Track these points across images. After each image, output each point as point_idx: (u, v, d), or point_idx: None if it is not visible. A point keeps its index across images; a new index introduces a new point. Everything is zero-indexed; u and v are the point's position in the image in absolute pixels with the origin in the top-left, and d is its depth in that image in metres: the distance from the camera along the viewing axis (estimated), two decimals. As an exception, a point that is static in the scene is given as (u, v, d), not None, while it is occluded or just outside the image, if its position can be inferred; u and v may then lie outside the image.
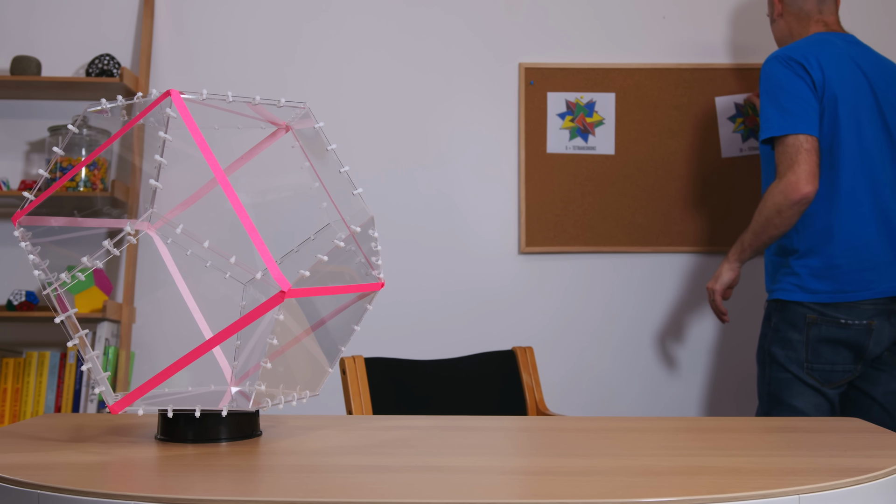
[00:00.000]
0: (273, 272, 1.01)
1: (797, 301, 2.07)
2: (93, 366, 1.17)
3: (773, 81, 2.09)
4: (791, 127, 2.03)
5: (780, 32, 2.32)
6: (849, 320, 2.03)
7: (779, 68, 2.09)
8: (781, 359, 2.09)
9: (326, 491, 0.94)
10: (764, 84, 2.12)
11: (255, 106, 1.19)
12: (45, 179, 1.19)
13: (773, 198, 2.04)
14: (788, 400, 2.08)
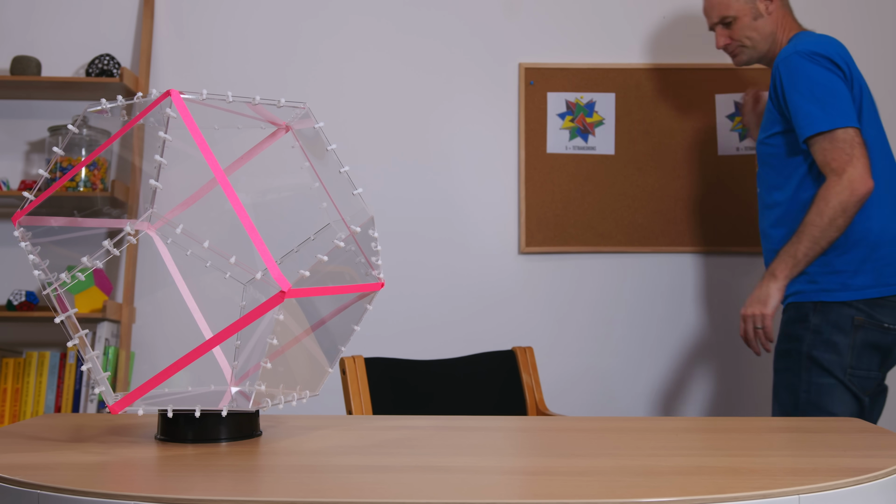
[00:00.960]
0: (273, 272, 1.01)
1: (843, 301, 1.97)
2: (93, 366, 1.17)
3: (806, 78, 1.99)
4: (839, 120, 1.94)
5: (768, 28, 2.19)
6: (891, 325, 1.94)
7: (810, 65, 1.99)
8: (826, 363, 1.95)
9: (326, 491, 0.94)
10: (794, 82, 2.00)
11: (255, 106, 1.19)
12: (45, 179, 1.19)
13: (838, 196, 1.90)
14: (829, 407, 1.94)
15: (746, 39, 2.21)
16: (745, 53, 2.23)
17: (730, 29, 2.23)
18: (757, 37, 2.20)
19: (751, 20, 2.20)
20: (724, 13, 2.22)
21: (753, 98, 2.49)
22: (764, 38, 2.20)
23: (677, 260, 2.82)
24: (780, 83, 2.04)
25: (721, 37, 2.25)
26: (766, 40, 2.20)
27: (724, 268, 2.81)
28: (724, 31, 2.24)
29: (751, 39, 2.21)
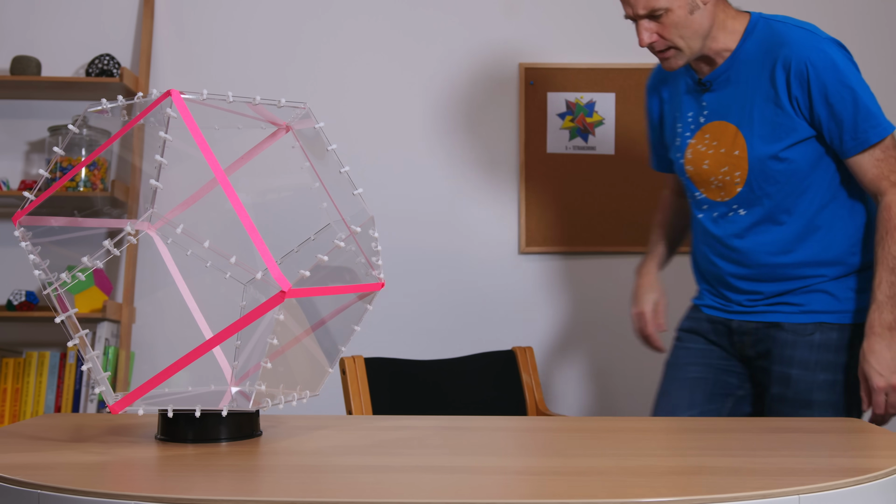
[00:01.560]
0: (273, 272, 1.01)
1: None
2: (93, 366, 1.17)
3: (853, 72, 1.70)
4: (891, 124, 1.69)
5: (705, 24, 1.74)
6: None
7: (848, 56, 1.73)
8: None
9: (326, 491, 0.94)
10: (842, 77, 1.68)
11: (256, 106, 1.19)
12: (45, 179, 1.19)
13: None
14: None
15: (679, 39, 1.73)
16: (679, 57, 1.76)
17: (659, 23, 1.74)
18: (691, 36, 1.74)
19: (686, 14, 1.72)
20: (653, 4, 1.72)
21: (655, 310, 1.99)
22: (699, 37, 1.75)
23: (677, 260, 2.82)
24: (811, 79, 1.68)
25: (646, 32, 1.75)
26: (700, 39, 1.75)
27: (724, 268, 2.81)
28: (650, 26, 1.74)
29: (684, 39, 1.74)
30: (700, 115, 1.84)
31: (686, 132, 1.87)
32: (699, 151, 1.84)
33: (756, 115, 1.75)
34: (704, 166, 1.83)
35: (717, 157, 1.81)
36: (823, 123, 1.70)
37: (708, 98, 1.82)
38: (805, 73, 1.68)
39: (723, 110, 1.80)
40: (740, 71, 1.77)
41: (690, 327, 1.96)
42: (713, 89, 1.81)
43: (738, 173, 1.78)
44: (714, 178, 1.82)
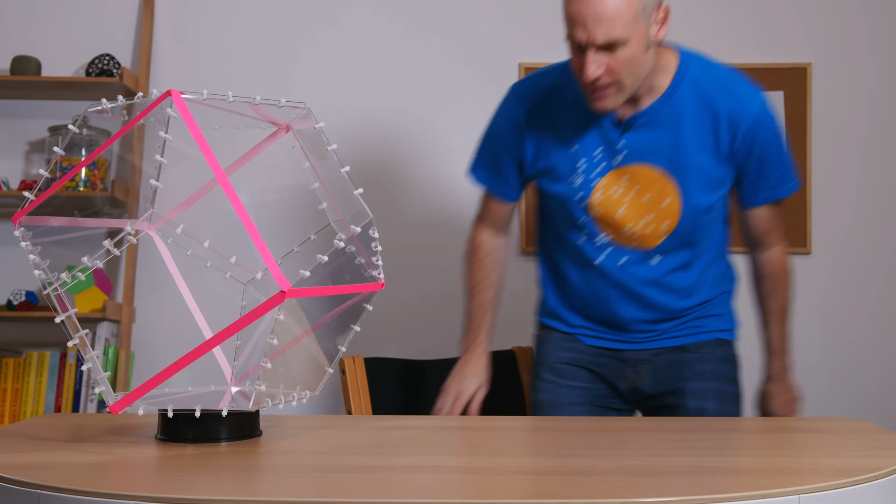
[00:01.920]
0: (273, 272, 1.01)
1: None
2: (93, 366, 1.17)
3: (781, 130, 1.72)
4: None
5: (651, 63, 1.57)
6: None
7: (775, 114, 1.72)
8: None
9: (326, 491, 0.94)
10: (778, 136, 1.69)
11: (256, 106, 1.19)
12: (45, 179, 1.19)
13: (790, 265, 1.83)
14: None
15: (628, 77, 1.52)
16: (618, 98, 1.55)
17: (612, 56, 1.50)
18: (638, 76, 1.54)
19: (641, 51, 1.52)
20: (613, 35, 1.47)
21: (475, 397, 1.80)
22: (642, 78, 1.56)
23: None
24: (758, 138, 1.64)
25: (594, 64, 1.49)
26: (642, 80, 1.57)
27: (724, 268, 2.81)
28: (601, 58, 1.50)
29: (632, 78, 1.53)
30: (615, 155, 1.64)
31: (592, 171, 1.67)
32: (613, 195, 1.67)
33: (692, 163, 1.62)
34: (620, 212, 1.66)
35: (639, 206, 1.66)
36: (749, 176, 1.68)
37: (628, 138, 1.63)
38: (753, 132, 1.63)
39: (647, 153, 1.63)
40: (673, 113, 1.62)
41: (571, 359, 1.81)
42: (635, 129, 1.62)
43: (666, 223, 1.67)
44: (632, 225, 1.67)
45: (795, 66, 2.79)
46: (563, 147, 1.68)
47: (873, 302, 2.80)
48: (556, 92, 1.69)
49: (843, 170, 2.81)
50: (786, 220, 2.52)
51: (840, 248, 2.80)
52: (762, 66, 2.80)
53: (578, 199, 1.68)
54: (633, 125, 1.62)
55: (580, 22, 1.48)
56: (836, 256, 2.80)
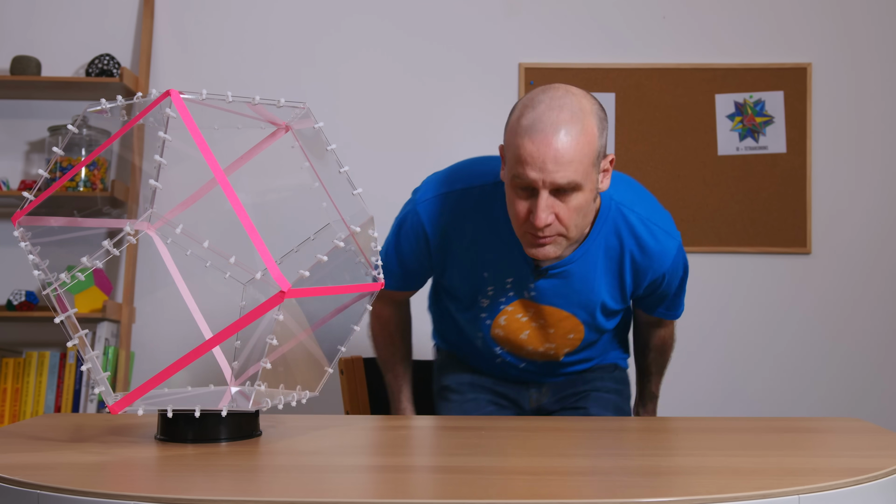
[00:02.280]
0: (273, 272, 1.01)
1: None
2: (93, 366, 1.17)
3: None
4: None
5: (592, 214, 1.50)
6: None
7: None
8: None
9: (326, 491, 0.94)
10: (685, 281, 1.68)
11: (255, 106, 1.19)
12: (44, 179, 1.19)
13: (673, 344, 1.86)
14: None
15: (574, 228, 1.44)
16: (561, 247, 1.47)
17: (563, 203, 1.40)
18: (584, 226, 1.47)
19: (591, 199, 1.44)
20: (575, 178, 1.37)
21: None
22: (584, 228, 1.49)
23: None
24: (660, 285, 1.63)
25: (546, 211, 1.39)
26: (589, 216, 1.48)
27: (724, 267, 2.81)
28: (551, 203, 1.40)
29: (577, 229, 1.45)
30: (526, 290, 1.60)
31: (501, 297, 1.61)
32: (518, 321, 1.63)
33: (601, 307, 1.62)
34: (522, 337, 1.65)
35: (543, 335, 1.65)
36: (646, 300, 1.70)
37: (541, 283, 1.58)
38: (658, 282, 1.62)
39: (557, 299, 1.60)
40: (587, 265, 1.57)
41: (473, 382, 1.80)
42: (548, 277, 1.57)
43: (566, 350, 1.70)
44: (532, 348, 1.68)
45: (795, 66, 2.79)
46: (474, 270, 1.60)
47: (873, 302, 2.80)
48: (471, 217, 1.59)
49: (843, 170, 2.81)
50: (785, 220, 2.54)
51: (840, 248, 2.80)
52: (762, 66, 2.80)
53: (484, 318, 1.65)
54: (547, 274, 1.56)
55: (538, 163, 1.36)
56: (836, 256, 2.80)
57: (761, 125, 2.80)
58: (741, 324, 2.81)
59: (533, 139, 1.36)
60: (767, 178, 2.79)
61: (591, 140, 1.39)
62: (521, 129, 1.38)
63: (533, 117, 1.38)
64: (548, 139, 1.35)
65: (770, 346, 2.80)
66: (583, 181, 1.39)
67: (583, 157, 1.38)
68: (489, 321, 1.65)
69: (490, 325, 1.66)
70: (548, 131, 1.36)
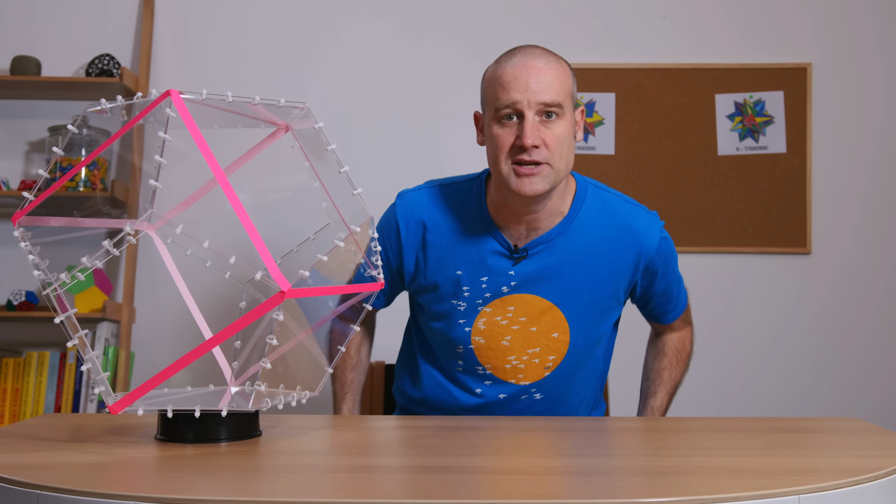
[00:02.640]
0: (273, 272, 1.01)
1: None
2: (92, 366, 1.17)
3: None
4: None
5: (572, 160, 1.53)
6: None
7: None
8: None
9: (326, 491, 0.93)
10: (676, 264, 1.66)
11: (255, 106, 1.19)
12: (44, 179, 1.19)
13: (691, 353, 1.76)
14: None
15: (559, 159, 1.44)
16: (548, 180, 1.44)
17: (548, 129, 1.43)
18: (567, 163, 1.47)
19: (570, 132, 1.47)
20: (557, 97, 1.42)
21: None
22: (568, 172, 1.50)
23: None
24: (659, 271, 1.60)
25: (533, 130, 1.41)
26: (566, 173, 1.49)
27: (724, 267, 2.81)
28: (539, 126, 1.42)
29: (563, 162, 1.45)
30: (504, 284, 1.54)
31: (477, 298, 1.56)
32: (497, 325, 1.56)
33: (584, 296, 1.55)
34: (504, 343, 1.56)
35: (526, 336, 1.56)
36: (654, 300, 1.65)
37: (521, 268, 1.53)
38: (655, 264, 1.58)
39: (538, 285, 1.54)
40: (570, 242, 1.53)
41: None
42: (529, 258, 1.53)
43: (551, 357, 1.58)
44: (516, 358, 1.58)
45: (795, 66, 2.79)
46: (447, 269, 1.57)
47: (872, 301, 2.80)
48: (446, 211, 1.58)
49: (842, 170, 2.81)
50: (785, 220, 2.56)
51: (840, 248, 2.80)
52: (762, 66, 2.80)
53: (458, 328, 1.58)
54: (528, 254, 1.52)
55: (520, 84, 1.41)
56: (836, 256, 2.80)
57: (761, 125, 2.80)
58: (741, 324, 2.81)
59: (515, 66, 1.45)
60: (767, 178, 2.79)
61: (567, 73, 1.47)
62: (500, 66, 1.48)
63: (510, 56, 1.48)
64: (529, 62, 1.44)
65: (770, 346, 2.80)
66: (564, 104, 1.44)
67: (563, 81, 1.44)
68: (468, 328, 1.57)
69: (470, 333, 1.57)
70: (528, 58, 1.45)
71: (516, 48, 1.51)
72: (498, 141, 1.44)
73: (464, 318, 1.58)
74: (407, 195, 1.65)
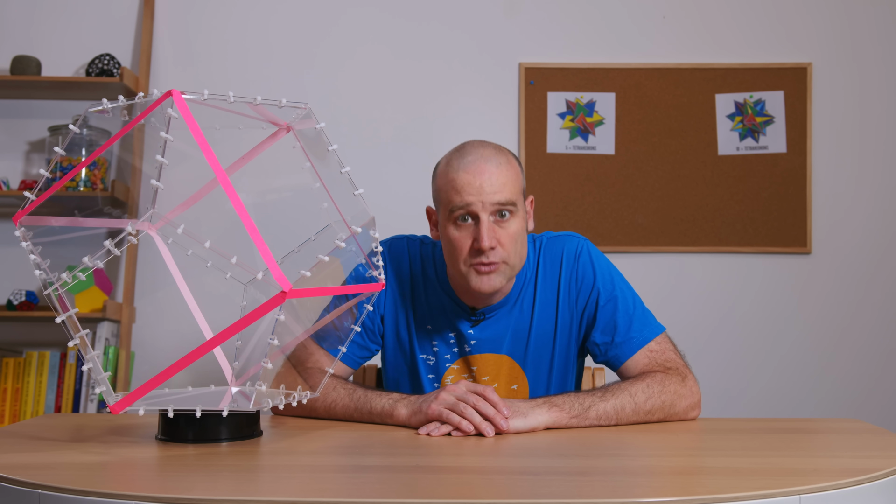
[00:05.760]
0: (274, 272, 1.01)
1: None
2: (93, 366, 1.17)
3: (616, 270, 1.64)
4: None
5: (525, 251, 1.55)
6: None
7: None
8: None
9: (326, 491, 0.94)
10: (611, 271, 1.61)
11: (257, 106, 1.19)
12: (45, 179, 1.19)
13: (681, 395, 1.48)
14: None
15: (514, 256, 1.48)
16: (504, 276, 1.49)
17: (502, 228, 1.46)
18: (521, 258, 1.51)
19: (523, 226, 1.51)
20: (510, 197, 1.46)
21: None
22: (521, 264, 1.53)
23: (677, 259, 2.82)
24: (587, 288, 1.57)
25: (490, 233, 1.44)
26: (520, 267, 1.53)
27: (724, 267, 2.81)
28: (493, 227, 1.46)
29: (517, 258, 1.50)
30: (466, 343, 1.58)
31: (446, 353, 1.60)
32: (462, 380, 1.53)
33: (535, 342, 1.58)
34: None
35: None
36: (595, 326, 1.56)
37: (478, 331, 1.57)
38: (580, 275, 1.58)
39: (494, 344, 1.58)
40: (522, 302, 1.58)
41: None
42: (486, 321, 1.57)
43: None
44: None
45: (795, 66, 2.79)
46: (420, 321, 1.60)
47: (873, 301, 2.80)
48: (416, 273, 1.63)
49: (843, 170, 2.81)
50: (785, 220, 2.57)
51: (840, 248, 2.80)
52: (762, 66, 2.80)
53: (431, 380, 1.60)
54: (486, 317, 1.56)
55: (475, 188, 1.44)
56: (837, 256, 2.80)
57: (761, 125, 2.80)
58: (741, 324, 2.81)
59: (467, 170, 1.47)
60: (767, 178, 2.79)
61: (517, 171, 1.51)
62: (453, 168, 1.49)
63: (461, 157, 1.50)
64: (480, 167, 1.46)
65: (770, 346, 2.80)
66: (517, 202, 1.48)
67: (514, 181, 1.48)
68: (436, 383, 1.59)
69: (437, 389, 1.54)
70: (479, 161, 1.47)
71: (466, 146, 1.54)
72: (456, 244, 1.48)
73: (433, 374, 1.61)
74: (385, 243, 1.69)
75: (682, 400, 1.46)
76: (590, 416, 1.36)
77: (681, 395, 1.45)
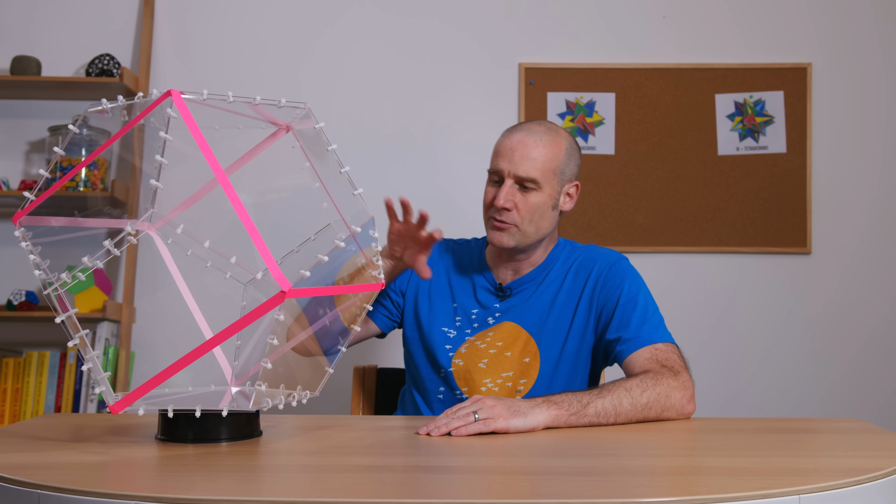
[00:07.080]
0: (273, 272, 1.01)
1: None
2: (93, 366, 1.17)
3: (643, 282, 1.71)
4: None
5: (551, 226, 1.71)
6: None
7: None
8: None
9: (326, 491, 0.94)
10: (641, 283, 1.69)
11: (256, 106, 1.19)
12: (45, 179, 1.19)
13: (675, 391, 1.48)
14: None
15: (529, 224, 1.64)
16: (515, 238, 1.65)
17: (523, 197, 1.64)
18: (536, 229, 1.66)
19: (549, 205, 1.66)
20: (533, 174, 1.62)
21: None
22: (539, 235, 1.67)
23: (677, 260, 2.82)
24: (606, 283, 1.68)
25: (506, 195, 1.62)
26: (537, 238, 1.67)
27: (724, 267, 2.81)
28: (513, 193, 1.63)
29: (533, 225, 1.65)
30: (490, 316, 1.72)
31: (467, 328, 1.72)
32: (477, 349, 1.69)
33: (553, 326, 1.68)
34: (481, 366, 1.68)
35: (501, 360, 1.68)
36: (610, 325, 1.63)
37: (505, 304, 1.72)
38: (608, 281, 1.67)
39: (515, 314, 1.71)
40: (546, 284, 1.71)
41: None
42: (513, 295, 1.73)
43: (523, 381, 1.68)
44: (490, 381, 1.67)
45: (795, 66, 2.79)
46: (446, 298, 1.77)
47: (873, 301, 2.80)
48: (449, 257, 1.84)
49: (842, 170, 2.81)
50: (785, 220, 2.58)
51: (840, 248, 2.80)
52: (762, 66, 2.80)
53: (448, 350, 1.71)
54: (511, 293, 1.73)
55: (507, 153, 1.65)
56: (837, 256, 2.80)
57: (761, 125, 2.80)
58: (741, 324, 2.81)
59: (510, 136, 1.68)
60: (767, 178, 2.79)
61: (557, 153, 1.66)
62: (504, 135, 1.70)
63: (514, 129, 1.70)
64: (521, 137, 1.66)
65: (770, 347, 2.80)
66: (542, 181, 1.64)
67: (546, 161, 1.64)
68: (451, 353, 1.71)
69: (451, 358, 1.70)
70: (523, 132, 1.66)
71: (527, 122, 1.72)
72: (485, 198, 1.70)
73: (450, 345, 1.72)
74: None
75: (676, 392, 1.49)
76: (588, 413, 1.38)
77: (673, 387, 1.49)
